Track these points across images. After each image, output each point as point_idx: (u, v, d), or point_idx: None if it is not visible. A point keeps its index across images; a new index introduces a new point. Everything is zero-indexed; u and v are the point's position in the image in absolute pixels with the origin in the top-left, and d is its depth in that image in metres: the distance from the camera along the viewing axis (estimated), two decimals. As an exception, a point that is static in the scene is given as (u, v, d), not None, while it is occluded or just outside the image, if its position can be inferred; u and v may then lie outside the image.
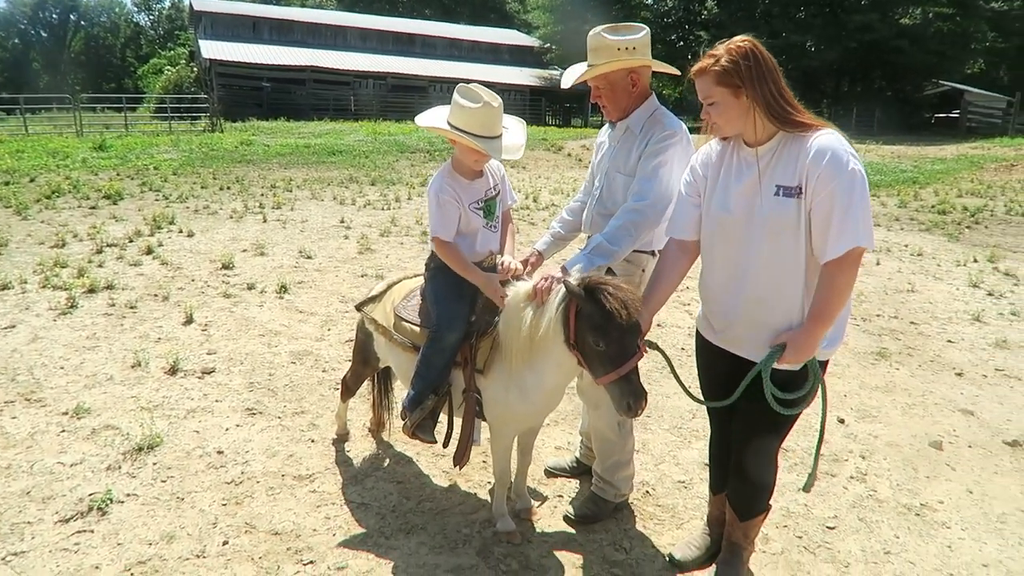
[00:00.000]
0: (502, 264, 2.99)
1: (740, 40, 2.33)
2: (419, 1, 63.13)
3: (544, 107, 42.37)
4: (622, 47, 2.85)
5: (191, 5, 43.04)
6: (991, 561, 3.14)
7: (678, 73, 3.17)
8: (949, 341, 6.03)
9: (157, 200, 11.80)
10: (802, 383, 2.41)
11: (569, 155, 20.72)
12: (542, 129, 29.33)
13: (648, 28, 2.92)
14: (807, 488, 2.63)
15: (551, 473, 3.78)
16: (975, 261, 8.94)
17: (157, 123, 28.24)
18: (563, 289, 2.58)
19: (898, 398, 4.88)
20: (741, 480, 2.76)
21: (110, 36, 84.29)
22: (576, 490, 3.63)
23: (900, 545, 3.25)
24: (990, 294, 7.46)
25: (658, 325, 5.78)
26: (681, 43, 41.21)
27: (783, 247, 2.32)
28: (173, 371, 4.84)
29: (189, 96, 32.02)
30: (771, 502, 2.84)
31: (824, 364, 2.47)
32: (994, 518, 3.47)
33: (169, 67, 45.80)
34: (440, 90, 39.24)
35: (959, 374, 5.32)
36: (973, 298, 7.33)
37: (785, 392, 2.38)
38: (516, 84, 42.69)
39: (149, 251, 8.11)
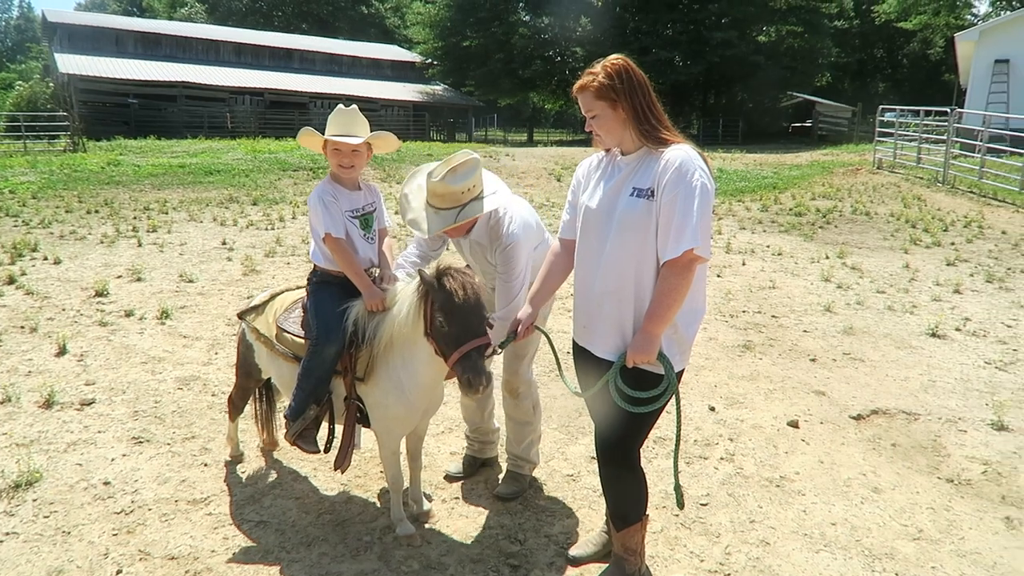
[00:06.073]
0: (380, 276, 3.22)
1: (614, 58, 2.58)
2: (296, 15, 61.65)
3: (428, 122, 42.52)
4: (465, 190, 3.05)
5: (44, 16, 40.22)
6: (839, 520, 3.57)
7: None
8: (805, 331, 6.67)
9: (16, 226, 11.01)
10: (651, 386, 2.59)
11: (455, 169, 20.96)
12: (427, 144, 29.37)
13: (477, 155, 3.12)
14: (680, 505, 2.75)
15: (451, 478, 3.93)
16: (827, 258, 9.86)
17: (10, 143, 26.11)
18: (418, 280, 2.80)
19: (761, 385, 5.37)
20: (605, 487, 2.95)
21: (-53, 48, 77.26)
22: (472, 489, 3.80)
23: (763, 514, 3.62)
24: (839, 287, 8.27)
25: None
26: (559, 58, 42.60)
27: (631, 243, 2.55)
28: (48, 404, 4.62)
29: (46, 113, 29.83)
30: (646, 513, 2.94)
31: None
32: (841, 483, 3.94)
33: (21, 82, 42.50)
34: (321, 106, 38.58)
35: (813, 360, 5.91)
36: (825, 291, 8.10)
37: (636, 392, 2.58)
38: (399, 100, 42.63)
39: (11, 281, 7.60)
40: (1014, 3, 38.28)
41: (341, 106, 3.20)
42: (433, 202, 3.12)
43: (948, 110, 16.91)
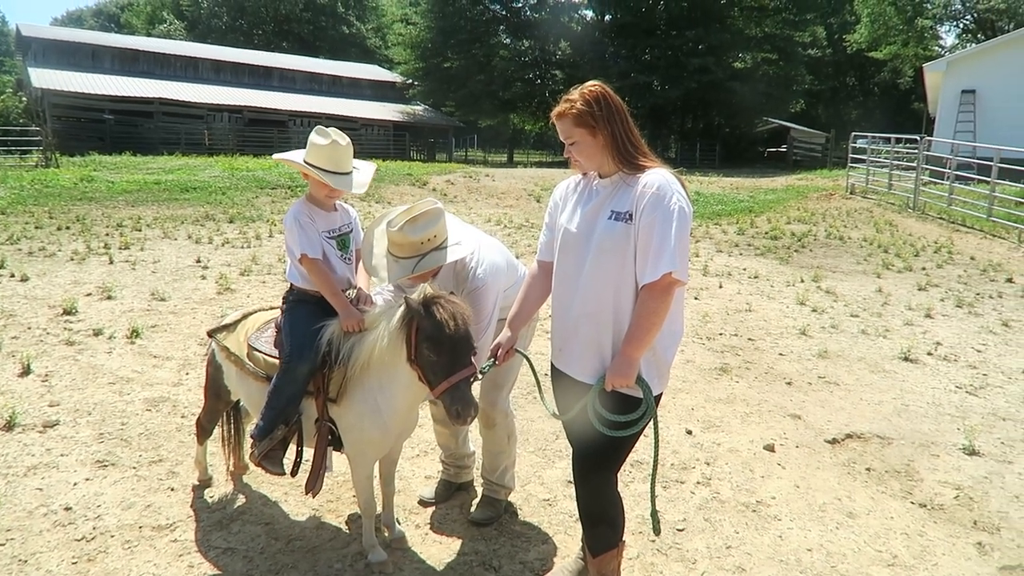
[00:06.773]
0: (358, 297, 3.18)
1: (591, 85, 2.59)
2: (276, 35, 61.52)
3: (408, 142, 42.56)
4: (425, 240, 3.00)
5: (18, 30, 39.79)
6: (814, 545, 3.56)
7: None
8: (780, 354, 6.70)
9: (-17, 242, 10.79)
10: (630, 410, 2.56)
11: (434, 190, 20.91)
12: (407, 164, 29.34)
13: (439, 204, 3.09)
14: (656, 531, 2.72)
15: (425, 503, 3.87)
16: (802, 281, 9.96)
17: (-20, 158, 25.68)
18: (404, 306, 2.75)
19: (738, 408, 5.37)
20: (582, 512, 2.90)
21: (-84, 61, 75.71)
22: (446, 514, 3.74)
23: (739, 539, 3.60)
24: (814, 310, 8.34)
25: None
26: (539, 81, 43.05)
27: (609, 266, 2.54)
28: (9, 427, 4.48)
29: (17, 128, 29.38)
30: (623, 539, 2.90)
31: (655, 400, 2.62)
32: (816, 508, 3.93)
33: (-8, 96, 41.85)
34: (300, 124, 38.50)
35: (788, 383, 5.93)
36: (800, 314, 8.17)
37: (615, 415, 2.55)
38: (379, 119, 42.62)
39: (-25, 298, 7.42)
40: (979, 36, 39.45)
41: (336, 139, 3.10)
42: (393, 250, 3.07)
43: (918, 138, 17.30)
